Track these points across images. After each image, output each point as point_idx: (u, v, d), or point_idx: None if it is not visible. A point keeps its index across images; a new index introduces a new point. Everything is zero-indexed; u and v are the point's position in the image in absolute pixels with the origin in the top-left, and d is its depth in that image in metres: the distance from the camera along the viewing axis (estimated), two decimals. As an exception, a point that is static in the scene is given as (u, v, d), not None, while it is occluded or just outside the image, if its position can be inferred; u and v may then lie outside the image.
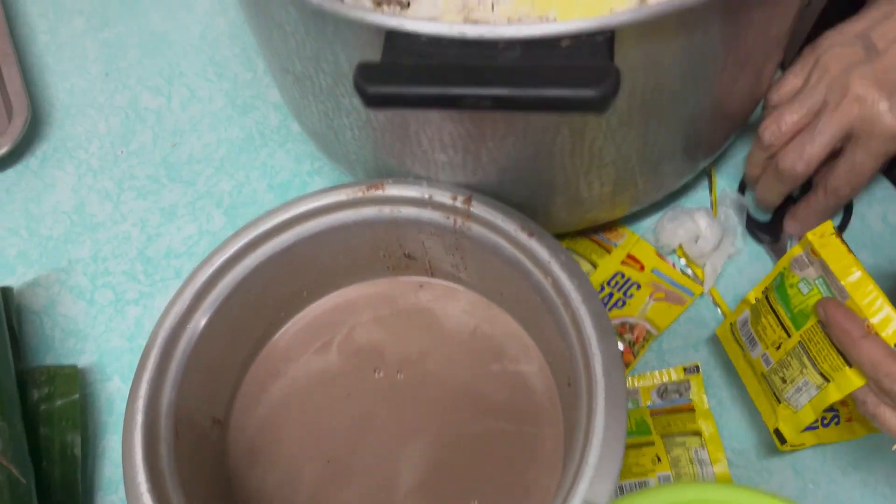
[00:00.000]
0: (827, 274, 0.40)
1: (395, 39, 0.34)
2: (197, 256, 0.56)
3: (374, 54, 0.34)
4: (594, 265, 0.52)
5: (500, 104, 0.30)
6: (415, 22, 0.33)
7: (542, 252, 0.41)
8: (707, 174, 0.55)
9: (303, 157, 0.59)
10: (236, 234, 0.44)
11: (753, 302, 0.45)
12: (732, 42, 0.39)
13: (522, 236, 0.42)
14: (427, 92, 0.30)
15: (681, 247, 0.51)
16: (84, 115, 0.63)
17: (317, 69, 0.41)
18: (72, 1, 0.69)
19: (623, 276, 0.51)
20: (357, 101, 0.41)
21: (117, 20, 0.68)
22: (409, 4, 0.56)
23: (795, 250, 0.42)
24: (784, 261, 0.42)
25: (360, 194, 0.44)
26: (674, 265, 0.52)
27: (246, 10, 0.44)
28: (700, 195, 0.54)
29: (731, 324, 0.47)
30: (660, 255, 0.52)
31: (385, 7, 0.56)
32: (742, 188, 0.54)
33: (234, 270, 0.43)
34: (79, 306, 0.55)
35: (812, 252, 0.40)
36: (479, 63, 0.32)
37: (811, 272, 0.41)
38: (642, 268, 0.52)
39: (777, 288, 0.43)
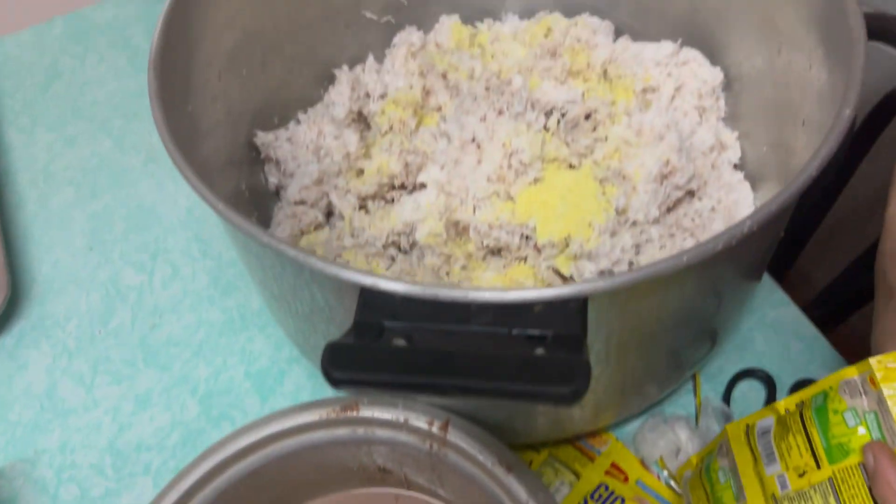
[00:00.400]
0: (883, 412, 0.34)
1: (368, 296, 0.33)
2: (167, 450, 0.54)
3: (351, 299, 0.34)
4: (577, 475, 0.50)
5: (469, 393, 0.29)
6: (388, 282, 0.33)
7: (521, 491, 0.39)
8: (692, 377, 0.54)
9: (282, 342, 0.58)
10: (201, 457, 0.42)
11: (783, 412, 0.39)
12: (709, 286, 0.39)
13: (500, 471, 0.40)
14: (394, 380, 0.29)
15: (661, 458, 0.50)
16: (65, 291, 0.63)
17: (294, 297, 0.41)
18: (63, 170, 0.70)
19: (607, 488, 0.49)
20: (333, 329, 0.41)
21: (106, 191, 0.69)
22: (393, 200, 0.57)
23: (849, 371, 0.36)
24: (833, 379, 0.36)
25: (333, 415, 0.43)
26: (658, 476, 0.50)
27: (225, 230, 0.44)
28: (684, 399, 0.53)
29: (748, 425, 0.40)
30: (644, 465, 0.50)
31: (371, 203, 0.57)
32: (727, 395, 0.53)
33: (197, 498, 0.42)
34: (41, 502, 0.53)
35: (871, 381, 0.34)
36: (453, 328, 0.32)
37: (863, 403, 0.35)
38: (626, 479, 0.50)
39: (817, 409, 0.37)
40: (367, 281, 0.33)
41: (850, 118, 0.36)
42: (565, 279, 0.50)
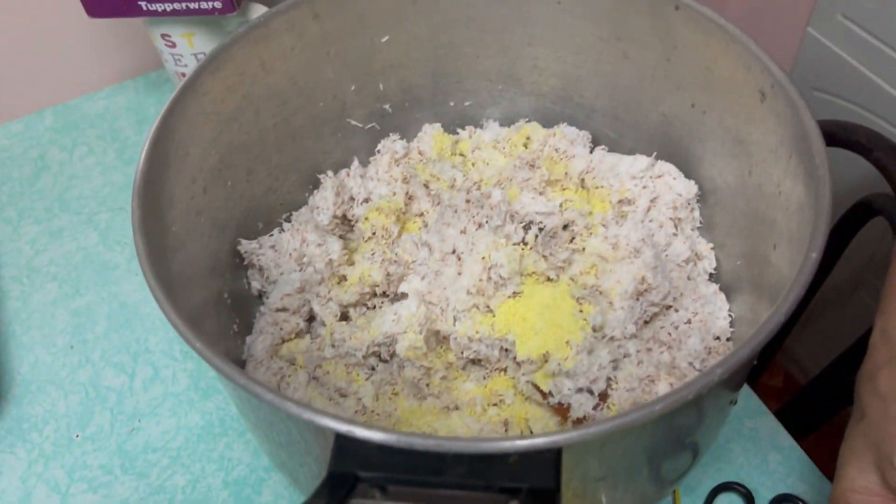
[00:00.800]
0: None
1: (343, 441, 0.34)
2: (142, 565, 0.53)
3: (326, 439, 0.34)
4: None
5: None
6: (363, 430, 0.33)
7: None
8: (671, 493, 0.54)
9: (261, 449, 0.58)
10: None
11: None
12: (686, 418, 0.39)
13: None
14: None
15: (645, 578, 0.50)
16: (44, 392, 0.62)
17: (270, 429, 0.41)
18: (47, 265, 0.71)
19: None
20: (309, 460, 0.41)
21: (89, 288, 0.69)
22: (375, 307, 0.58)
23: None
24: None
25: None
26: None
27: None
28: (664, 513, 0.53)
29: None
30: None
31: (352, 311, 0.57)
32: (707, 508, 0.53)
33: None
34: None
35: None
36: (428, 479, 0.32)
37: None
38: None
39: None
40: (343, 428, 0.33)
41: (817, 261, 0.37)
42: (544, 394, 0.51)
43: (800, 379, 1.26)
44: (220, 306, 0.54)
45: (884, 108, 0.96)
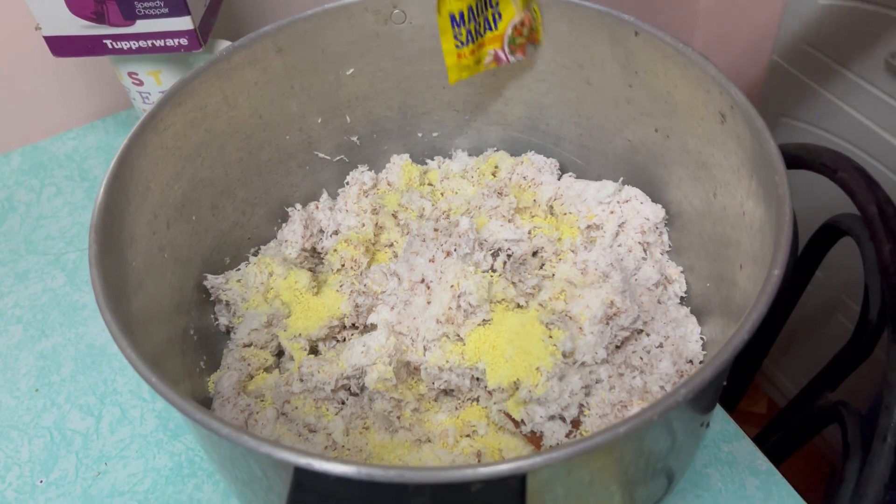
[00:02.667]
0: None
1: (302, 475, 0.33)
2: None
3: (287, 474, 0.33)
4: None
5: None
6: (322, 462, 0.32)
7: None
8: (649, 518, 0.53)
9: (229, 491, 0.57)
10: None
11: None
12: (654, 440, 0.39)
13: None
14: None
15: None
16: (6, 437, 0.61)
17: (233, 466, 0.40)
18: (12, 308, 0.69)
19: None
20: (273, 496, 0.40)
21: (55, 330, 0.67)
22: (345, 340, 0.57)
23: None
24: None
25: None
26: None
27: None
28: (643, 542, 0.52)
29: None
30: None
31: (321, 344, 0.56)
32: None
33: None
34: None
35: None
36: (388, 511, 0.31)
37: None
38: None
39: None
40: (301, 461, 0.32)
41: (780, 279, 0.37)
42: (517, 423, 0.50)
43: (782, 405, 1.26)
44: (185, 344, 0.53)
45: (848, 132, 0.98)
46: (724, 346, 0.35)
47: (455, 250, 0.53)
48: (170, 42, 0.65)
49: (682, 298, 0.57)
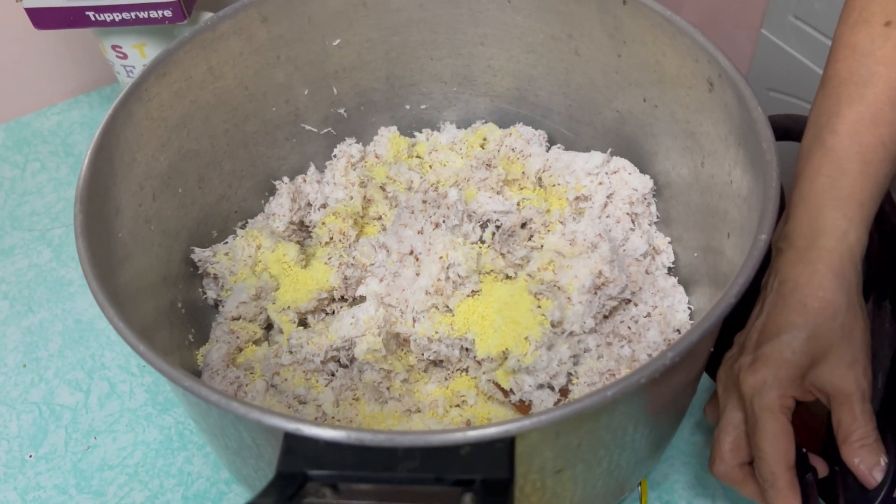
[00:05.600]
0: None
1: (292, 441, 0.33)
2: (98, 585, 0.51)
3: (276, 440, 0.33)
4: None
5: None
6: (311, 427, 0.32)
7: None
8: (637, 485, 0.54)
9: (219, 461, 0.57)
10: None
11: None
12: (643, 405, 0.39)
13: None
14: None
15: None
16: (-5, 412, 0.60)
17: (222, 435, 0.40)
18: (-2, 283, 0.69)
19: None
20: (262, 464, 0.40)
21: (42, 305, 0.67)
22: (334, 312, 0.57)
23: None
24: None
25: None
26: None
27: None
28: (631, 508, 0.53)
29: None
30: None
31: (310, 317, 0.56)
32: None
33: None
34: None
35: None
36: (380, 475, 0.32)
37: None
38: None
39: None
40: (290, 426, 0.33)
41: (766, 244, 0.38)
42: (506, 392, 0.50)
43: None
44: (173, 316, 0.53)
45: (836, 104, 0.98)
46: (711, 310, 0.35)
47: (444, 222, 0.53)
48: (154, 14, 0.65)
49: (669, 269, 0.57)
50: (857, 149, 0.46)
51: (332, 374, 0.54)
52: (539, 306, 0.50)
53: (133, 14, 0.64)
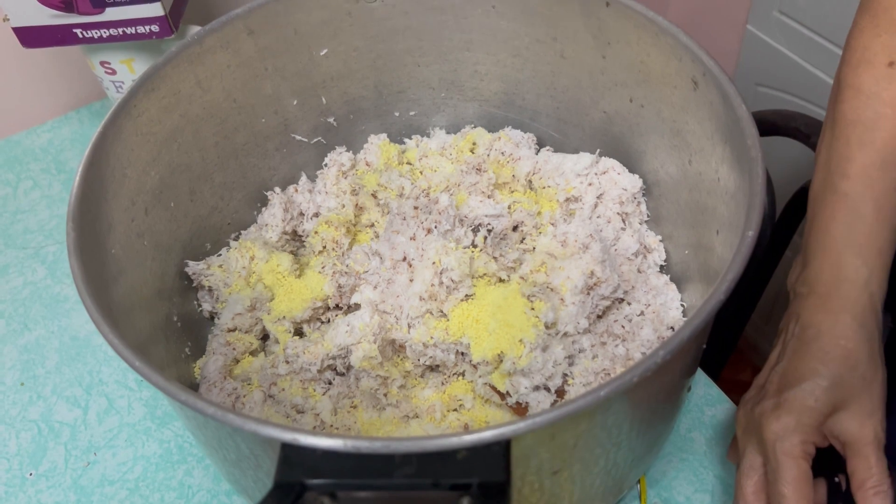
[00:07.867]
0: None
1: (289, 450, 0.33)
2: None
3: (274, 450, 0.33)
4: None
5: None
6: (308, 437, 0.32)
7: None
8: (636, 482, 0.54)
9: (219, 473, 0.57)
10: None
11: None
12: (638, 403, 0.39)
13: None
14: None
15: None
16: (-6, 432, 0.60)
17: (220, 446, 0.40)
18: (-6, 302, 0.69)
19: None
20: (261, 474, 0.40)
21: (38, 323, 0.67)
22: (329, 321, 0.57)
23: None
24: None
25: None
26: (610, 592, 0.49)
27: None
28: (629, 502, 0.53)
29: None
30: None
31: (305, 326, 0.56)
32: None
33: None
34: None
35: None
36: (377, 482, 0.32)
37: None
38: None
39: None
40: (287, 437, 0.33)
41: (754, 239, 0.38)
42: (503, 395, 0.51)
43: (766, 371, 1.28)
44: (169, 330, 0.53)
45: (823, 98, 0.99)
46: (702, 307, 0.35)
47: (436, 227, 0.53)
48: (141, 29, 0.65)
49: (661, 267, 0.58)
50: (871, 195, 0.46)
51: (329, 383, 0.54)
52: (532, 308, 0.50)
53: (120, 30, 0.65)
